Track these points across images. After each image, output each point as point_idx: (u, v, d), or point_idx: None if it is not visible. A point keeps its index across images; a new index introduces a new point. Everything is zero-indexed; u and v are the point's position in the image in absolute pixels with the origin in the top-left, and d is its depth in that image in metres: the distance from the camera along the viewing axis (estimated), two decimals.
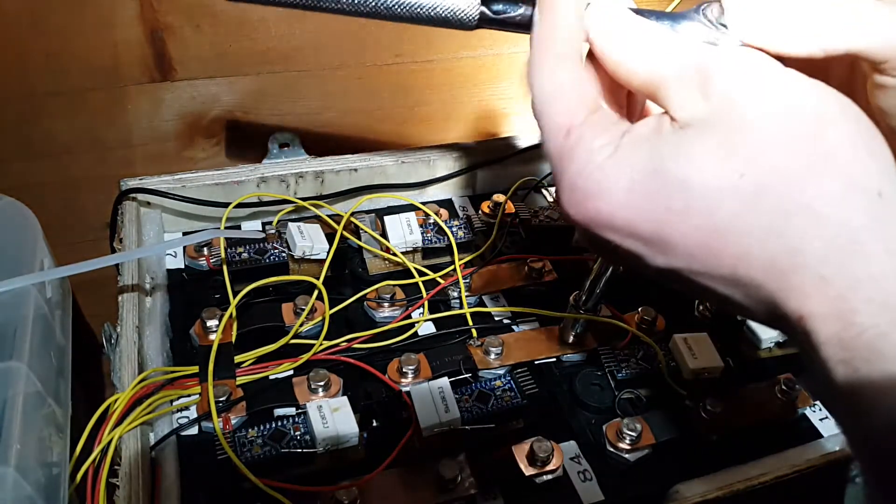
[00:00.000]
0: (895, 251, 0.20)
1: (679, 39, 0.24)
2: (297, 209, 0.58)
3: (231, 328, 0.48)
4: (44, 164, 0.57)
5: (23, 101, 0.54)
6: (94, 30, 0.52)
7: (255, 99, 0.60)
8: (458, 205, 0.64)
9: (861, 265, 0.20)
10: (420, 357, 0.48)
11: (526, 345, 0.50)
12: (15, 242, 0.43)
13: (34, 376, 0.37)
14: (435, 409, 0.44)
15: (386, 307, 0.51)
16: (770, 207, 0.20)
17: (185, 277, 0.54)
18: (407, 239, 0.56)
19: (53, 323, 0.43)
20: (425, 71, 0.64)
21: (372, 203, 0.61)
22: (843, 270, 0.20)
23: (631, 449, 0.44)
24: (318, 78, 0.61)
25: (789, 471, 0.42)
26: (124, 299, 0.47)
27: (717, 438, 0.46)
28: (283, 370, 0.47)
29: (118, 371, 0.43)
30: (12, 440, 0.33)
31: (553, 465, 0.42)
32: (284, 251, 0.54)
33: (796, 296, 0.20)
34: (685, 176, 0.21)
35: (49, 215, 0.47)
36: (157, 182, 0.56)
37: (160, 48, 0.55)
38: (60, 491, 0.37)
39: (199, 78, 0.58)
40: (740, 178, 0.21)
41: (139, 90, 0.56)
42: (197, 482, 0.41)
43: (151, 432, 0.42)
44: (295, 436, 0.43)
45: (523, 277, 0.55)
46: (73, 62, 0.53)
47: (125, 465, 0.38)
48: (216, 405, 0.43)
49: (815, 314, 0.20)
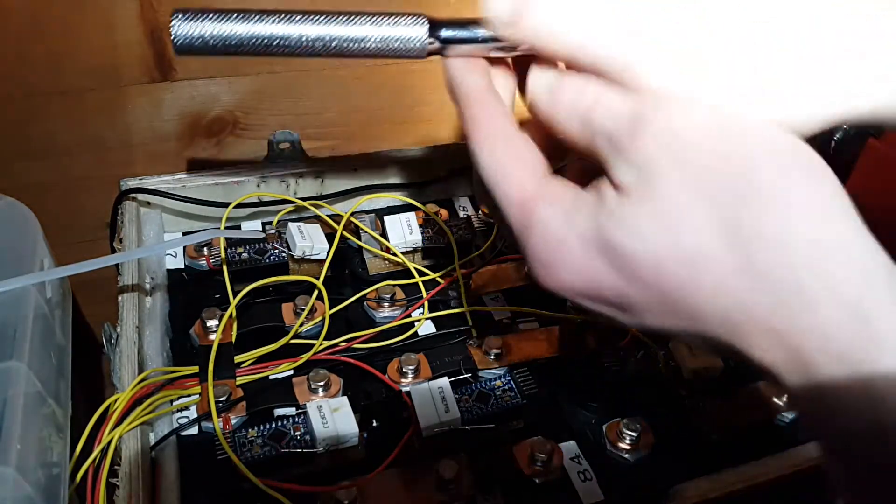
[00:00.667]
0: (841, 294, 0.19)
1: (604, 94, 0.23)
2: (297, 209, 0.58)
3: (231, 328, 0.48)
4: (44, 164, 0.57)
5: (23, 101, 0.54)
6: (94, 30, 0.52)
7: (255, 99, 0.60)
8: (458, 205, 0.64)
9: (808, 314, 0.19)
10: (420, 357, 0.48)
11: (526, 345, 0.50)
12: (15, 242, 0.43)
13: (34, 376, 0.37)
14: (435, 409, 0.44)
15: (386, 307, 0.51)
16: (709, 269, 0.21)
17: (185, 277, 0.54)
18: (407, 239, 0.56)
19: (53, 323, 0.43)
20: (425, 71, 0.64)
21: (372, 203, 0.62)
22: (792, 322, 0.20)
23: (631, 449, 0.44)
24: (318, 78, 0.61)
25: (789, 471, 0.42)
26: (124, 299, 0.47)
27: (717, 438, 0.46)
28: (283, 370, 0.47)
29: (118, 371, 0.43)
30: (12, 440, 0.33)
31: (553, 465, 0.42)
32: (284, 251, 0.54)
33: (755, 348, 0.21)
34: (630, 248, 0.22)
35: (49, 215, 0.47)
36: (157, 182, 0.56)
37: (160, 48, 0.55)
38: (60, 491, 0.37)
39: (199, 78, 0.58)
40: (675, 246, 0.21)
41: (139, 90, 0.56)
42: (197, 482, 0.41)
43: (151, 432, 0.42)
44: (295, 436, 0.43)
45: (523, 277, 0.55)
46: (73, 62, 0.53)
47: (125, 465, 0.38)
48: (216, 405, 0.43)
49: (776, 364, 0.20)
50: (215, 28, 0.25)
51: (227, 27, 0.25)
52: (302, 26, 0.25)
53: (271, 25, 0.25)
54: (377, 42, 0.26)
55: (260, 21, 0.25)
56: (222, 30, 0.25)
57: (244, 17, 0.25)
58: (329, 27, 0.25)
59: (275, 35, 0.25)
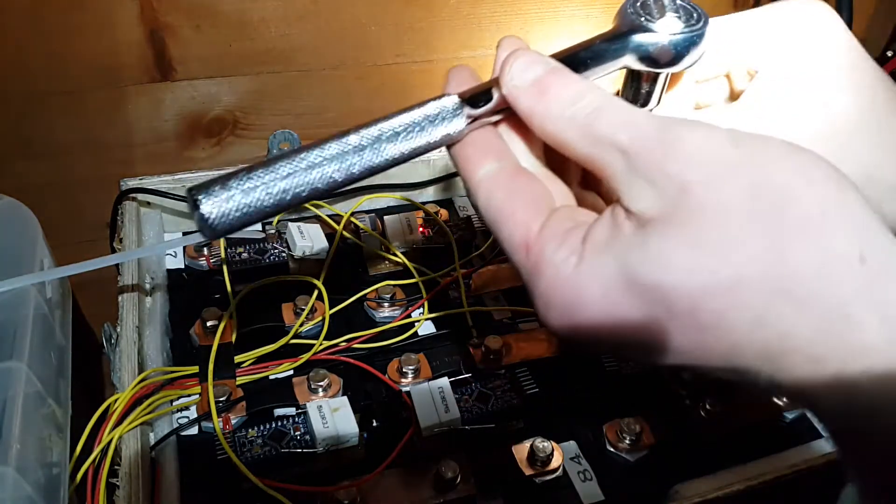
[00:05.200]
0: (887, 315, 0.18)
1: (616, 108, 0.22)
2: (297, 209, 0.58)
3: (231, 328, 0.48)
4: (44, 164, 0.57)
5: (23, 101, 0.54)
6: (94, 30, 0.52)
7: (255, 99, 0.60)
8: (458, 205, 0.64)
9: (854, 338, 0.18)
10: (420, 357, 0.48)
11: (526, 345, 0.50)
12: (15, 242, 0.43)
13: (34, 376, 0.37)
14: (435, 409, 0.44)
15: (386, 307, 0.51)
16: (749, 299, 0.19)
17: (185, 277, 0.54)
18: (407, 239, 0.56)
19: (53, 323, 0.43)
20: (425, 71, 0.64)
21: (372, 203, 0.61)
22: (835, 348, 0.19)
23: (631, 449, 0.44)
24: (318, 78, 0.61)
25: (789, 471, 0.42)
26: (124, 299, 0.47)
27: (717, 438, 0.46)
28: (283, 370, 0.47)
29: (118, 371, 0.43)
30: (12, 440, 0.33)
31: (553, 465, 0.42)
32: (284, 251, 0.54)
33: (793, 377, 0.20)
34: (659, 282, 0.20)
35: (49, 215, 0.47)
36: (157, 182, 0.56)
37: (160, 48, 0.55)
38: (60, 491, 0.37)
39: (199, 78, 0.58)
40: (713, 276, 0.19)
41: (139, 90, 0.56)
42: (197, 482, 0.41)
43: (151, 432, 0.42)
44: (295, 436, 0.43)
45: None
46: (73, 62, 0.53)
47: (125, 465, 0.38)
48: (216, 405, 0.43)
49: (814, 392, 0.19)
50: (246, 198, 0.22)
51: (258, 193, 0.22)
52: (339, 163, 0.23)
53: (308, 172, 0.22)
54: (425, 148, 0.24)
55: (293, 171, 0.22)
56: (253, 198, 0.22)
57: (271, 170, 0.22)
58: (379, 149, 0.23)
59: (314, 181, 0.22)
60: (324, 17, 0.58)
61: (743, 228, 0.19)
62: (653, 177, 0.20)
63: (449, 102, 0.24)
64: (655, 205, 0.20)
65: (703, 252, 0.19)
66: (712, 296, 0.19)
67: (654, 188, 0.20)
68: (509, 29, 0.64)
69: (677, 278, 0.20)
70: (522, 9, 0.63)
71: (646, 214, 0.20)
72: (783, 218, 0.19)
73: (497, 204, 0.23)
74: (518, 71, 0.23)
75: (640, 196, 0.21)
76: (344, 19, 0.58)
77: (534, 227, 0.23)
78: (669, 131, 0.21)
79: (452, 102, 0.24)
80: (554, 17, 0.65)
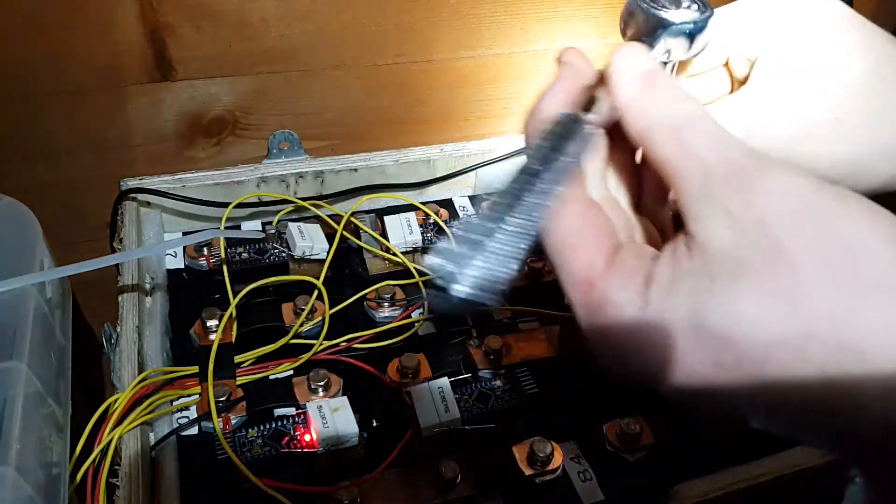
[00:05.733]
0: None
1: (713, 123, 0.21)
2: (297, 209, 0.58)
3: (231, 328, 0.48)
4: (44, 164, 0.57)
5: (23, 101, 0.54)
6: (94, 30, 0.52)
7: (255, 99, 0.60)
8: (458, 205, 0.64)
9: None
10: (420, 357, 0.48)
11: (526, 345, 0.50)
12: (15, 242, 0.43)
13: (34, 376, 0.37)
14: (435, 409, 0.44)
15: (386, 307, 0.51)
16: (819, 353, 0.18)
17: (185, 277, 0.54)
18: (407, 239, 0.56)
19: (53, 323, 0.43)
20: (425, 71, 0.64)
21: (372, 203, 0.61)
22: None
23: (631, 449, 0.44)
24: (318, 78, 0.61)
25: (789, 471, 0.42)
26: (124, 299, 0.47)
27: (717, 438, 0.46)
28: (283, 370, 0.47)
29: (118, 371, 0.43)
30: (12, 440, 0.33)
31: (553, 465, 0.42)
32: (284, 251, 0.54)
33: (858, 436, 0.19)
34: (728, 331, 0.19)
35: (49, 215, 0.47)
36: (157, 182, 0.56)
37: (160, 48, 0.55)
38: (60, 491, 0.37)
39: (199, 78, 0.58)
40: (786, 328, 0.18)
41: (139, 90, 0.56)
42: (197, 482, 0.41)
43: (151, 432, 0.42)
44: (295, 436, 0.43)
45: (523, 277, 0.55)
46: (73, 62, 0.53)
47: (125, 465, 0.38)
48: (216, 405, 0.43)
49: (881, 453, 0.19)
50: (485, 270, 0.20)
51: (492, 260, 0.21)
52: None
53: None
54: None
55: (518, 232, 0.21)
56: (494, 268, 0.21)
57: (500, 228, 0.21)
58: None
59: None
60: (324, 17, 0.58)
61: (816, 279, 0.18)
62: (731, 205, 0.19)
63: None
64: (726, 237, 0.19)
65: (775, 302, 0.19)
66: (780, 348, 0.19)
67: (730, 218, 0.19)
68: (509, 29, 0.64)
69: (749, 329, 0.19)
70: (522, 9, 0.63)
71: (712, 247, 0.19)
72: (856, 273, 0.18)
73: (566, 231, 0.22)
74: (628, 62, 0.23)
75: (712, 224, 0.20)
76: (344, 19, 0.58)
77: (598, 263, 0.22)
78: (759, 163, 0.20)
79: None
80: (554, 17, 0.65)
